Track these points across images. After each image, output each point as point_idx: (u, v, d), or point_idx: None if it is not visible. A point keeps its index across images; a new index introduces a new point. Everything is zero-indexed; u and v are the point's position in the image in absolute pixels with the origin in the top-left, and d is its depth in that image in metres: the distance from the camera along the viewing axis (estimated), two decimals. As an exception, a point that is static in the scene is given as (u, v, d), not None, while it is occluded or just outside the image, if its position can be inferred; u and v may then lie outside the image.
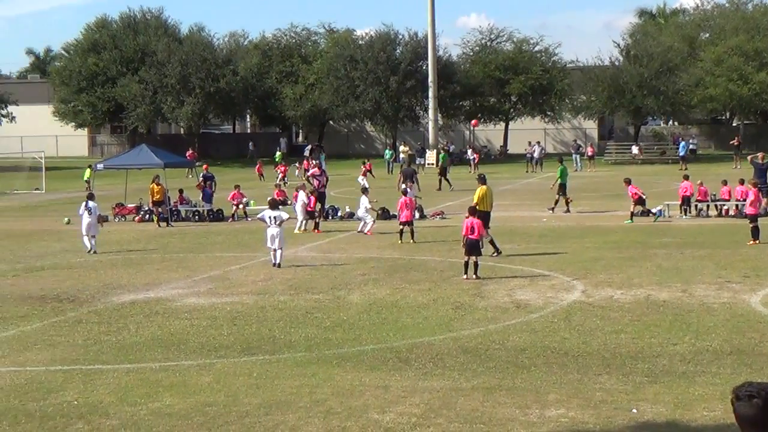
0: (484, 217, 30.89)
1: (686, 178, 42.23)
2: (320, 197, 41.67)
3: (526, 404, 14.85)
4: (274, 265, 29.10)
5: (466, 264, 26.61)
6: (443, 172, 63.40)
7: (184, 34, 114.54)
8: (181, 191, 47.56)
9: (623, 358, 17.44)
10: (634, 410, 14.48)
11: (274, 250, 29.33)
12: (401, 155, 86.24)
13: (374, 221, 38.90)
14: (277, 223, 29.35)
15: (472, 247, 26.60)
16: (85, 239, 34.43)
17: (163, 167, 47.26)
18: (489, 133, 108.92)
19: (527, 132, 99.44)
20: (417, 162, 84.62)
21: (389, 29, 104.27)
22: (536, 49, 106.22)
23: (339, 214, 44.44)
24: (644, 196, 41.43)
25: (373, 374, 16.74)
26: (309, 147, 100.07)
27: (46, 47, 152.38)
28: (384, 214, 43.43)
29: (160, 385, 16.40)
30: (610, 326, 20.05)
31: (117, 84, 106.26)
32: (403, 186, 43.54)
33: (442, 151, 71.50)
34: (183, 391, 15.95)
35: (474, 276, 26.34)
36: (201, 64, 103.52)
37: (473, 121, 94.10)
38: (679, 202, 41.69)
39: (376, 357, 17.99)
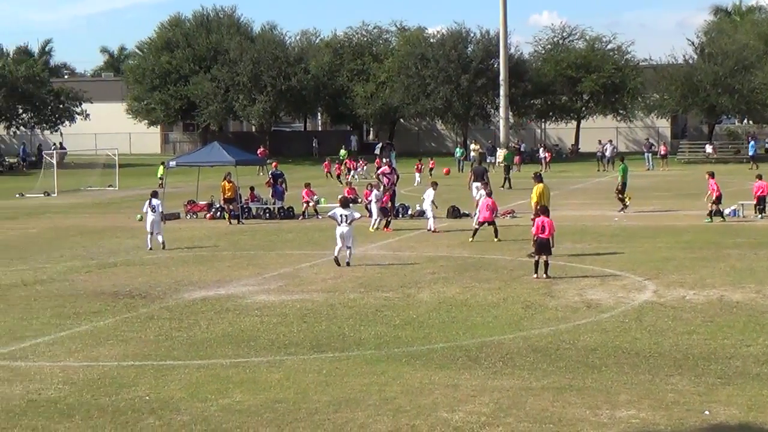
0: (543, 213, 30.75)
1: (759, 177, 41.68)
2: (391, 196, 41.74)
3: (597, 405, 14.73)
4: (345, 264, 29.04)
5: (537, 263, 26.51)
6: (507, 170, 63.34)
7: (257, 33, 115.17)
8: (252, 189, 47.83)
9: (695, 359, 17.26)
10: (707, 412, 14.31)
11: (342, 248, 29.24)
12: (472, 153, 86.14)
13: (435, 217, 38.75)
14: (348, 221, 29.33)
15: (543, 247, 26.46)
16: (149, 237, 34.66)
17: (234, 165, 47.45)
18: (560, 131, 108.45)
19: (599, 130, 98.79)
20: (487, 160, 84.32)
21: (461, 27, 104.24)
22: (609, 47, 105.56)
23: (409, 212, 44.39)
24: (721, 195, 40.67)
25: (442, 373, 16.70)
26: (379, 145, 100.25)
27: (120, 45, 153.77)
28: (454, 212, 43.35)
29: (230, 381, 16.48)
30: (682, 327, 19.85)
31: (189, 82, 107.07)
32: (476, 184, 43.52)
33: (506, 150, 71.11)
34: (253, 388, 16.01)
35: (544, 275, 26.21)
36: (273, 62, 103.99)
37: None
38: (754, 202, 41.13)
39: (446, 355, 17.95)
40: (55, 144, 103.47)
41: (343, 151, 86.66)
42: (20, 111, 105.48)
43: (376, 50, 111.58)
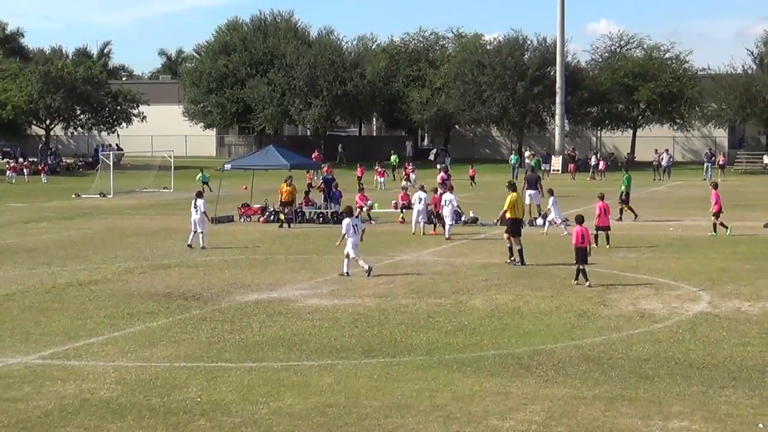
0: (515, 224, 31.00)
1: None
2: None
3: (649, 415, 14.63)
4: (367, 271, 28.66)
5: (578, 270, 26.65)
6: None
7: (314, 37, 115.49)
8: (307, 193, 47.97)
9: (750, 371, 17.09)
10: (761, 425, 14.18)
11: (357, 259, 28.93)
12: (526, 161, 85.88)
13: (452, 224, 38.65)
14: (360, 230, 29.56)
15: (582, 255, 26.65)
16: (191, 235, 35.62)
17: (289, 168, 47.65)
18: (616, 140, 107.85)
19: (655, 139, 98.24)
20: (542, 168, 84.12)
21: (518, 34, 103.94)
22: (667, 56, 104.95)
23: (462, 218, 44.28)
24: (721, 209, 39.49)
25: (493, 380, 16.66)
26: (434, 151, 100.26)
27: (177, 48, 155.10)
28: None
29: (281, 384, 16.52)
30: (737, 338, 19.67)
31: (246, 85, 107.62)
32: (529, 192, 43.56)
33: (533, 158, 70.33)
34: (304, 392, 16.04)
35: (586, 283, 26.29)
36: (329, 67, 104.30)
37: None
38: None
39: (497, 363, 17.89)
40: (110, 145, 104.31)
41: (393, 157, 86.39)
42: (78, 112, 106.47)
43: (432, 56, 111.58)
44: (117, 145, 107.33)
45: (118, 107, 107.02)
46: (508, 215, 31.38)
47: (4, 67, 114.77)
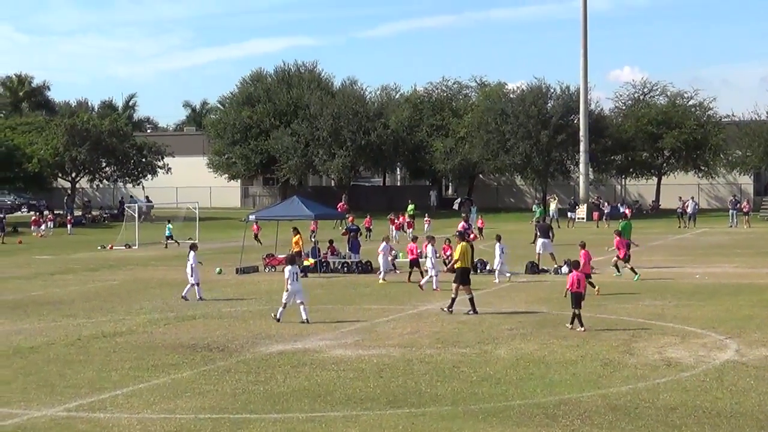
0: (465, 273, 31.06)
1: None
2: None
3: (677, 465, 14.50)
4: (304, 321, 29.25)
5: (574, 315, 27.11)
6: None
7: (337, 88, 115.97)
8: (331, 242, 48.01)
9: (778, 421, 16.96)
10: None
11: (301, 304, 29.57)
12: (551, 208, 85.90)
13: (437, 273, 38.54)
14: (297, 278, 29.83)
15: (578, 300, 27.16)
16: (187, 287, 36.11)
17: (313, 218, 47.78)
18: (641, 187, 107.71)
19: (680, 187, 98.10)
20: (568, 216, 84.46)
21: (541, 83, 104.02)
22: (690, 102, 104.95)
23: (487, 267, 44.19)
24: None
25: (519, 430, 16.57)
26: (458, 200, 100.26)
27: (202, 100, 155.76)
28: (533, 268, 43.18)
29: (306, 435, 16.46)
30: (765, 387, 19.52)
31: (270, 136, 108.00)
32: (542, 240, 43.85)
33: (536, 206, 69.79)
34: (328, 443, 15.98)
35: (580, 327, 26.84)
36: (353, 117, 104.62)
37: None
38: None
39: (523, 413, 17.79)
40: (147, 198, 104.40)
41: (410, 206, 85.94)
42: (104, 164, 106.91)
43: (455, 105, 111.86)
44: (147, 197, 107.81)
45: (143, 159, 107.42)
46: (458, 264, 31.31)
47: (30, 120, 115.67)
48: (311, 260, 45.61)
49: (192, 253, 36.52)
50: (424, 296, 35.83)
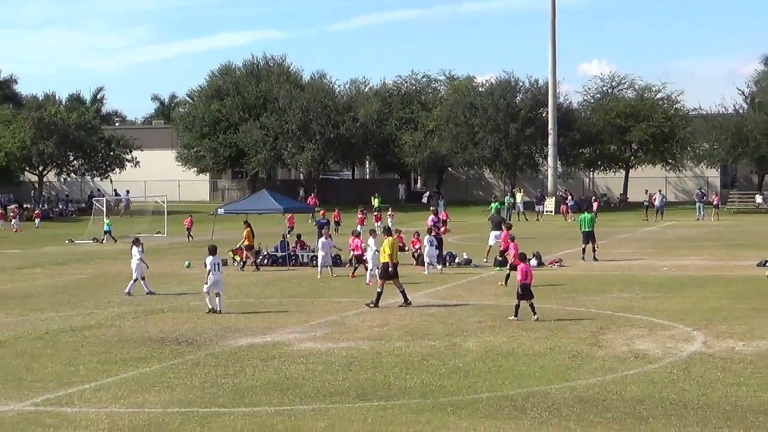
0: (388, 268, 31.24)
1: None
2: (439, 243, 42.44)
3: (644, 457, 14.57)
4: (217, 311, 29.99)
5: (518, 307, 27.61)
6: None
7: (306, 81, 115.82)
8: (299, 236, 47.98)
9: (745, 412, 17.05)
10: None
11: (216, 295, 30.35)
12: (517, 201, 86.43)
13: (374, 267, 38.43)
14: (218, 269, 30.59)
15: (527, 291, 27.60)
16: (131, 283, 35.62)
17: (282, 212, 47.78)
18: (609, 180, 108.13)
19: (647, 180, 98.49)
20: (536, 209, 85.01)
21: (510, 76, 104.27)
22: (658, 96, 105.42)
23: (456, 260, 44.30)
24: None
25: (487, 423, 16.60)
26: (427, 194, 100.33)
27: (170, 93, 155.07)
28: (502, 262, 43.24)
29: (275, 429, 16.45)
30: (732, 378, 19.63)
31: (239, 130, 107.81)
32: (494, 233, 44.10)
33: (494, 200, 69.49)
34: (297, 436, 15.98)
35: (534, 317, 27.31)
36: (322, 110, 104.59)
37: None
38: None
39: (492, 405, 17.84)
40: (128, 191, 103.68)
41: (376, 200, 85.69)
42: (71, 158, 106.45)
43: (424, 99, 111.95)
44: (115, 191, 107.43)
45: (111, 153, 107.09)
46: (385, 259, 31.39)
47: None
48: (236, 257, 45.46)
49: (135, 248, 36.21)
50: (393, 289, 35.79)
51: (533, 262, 42.72)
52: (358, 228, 57.17)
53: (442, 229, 42.21)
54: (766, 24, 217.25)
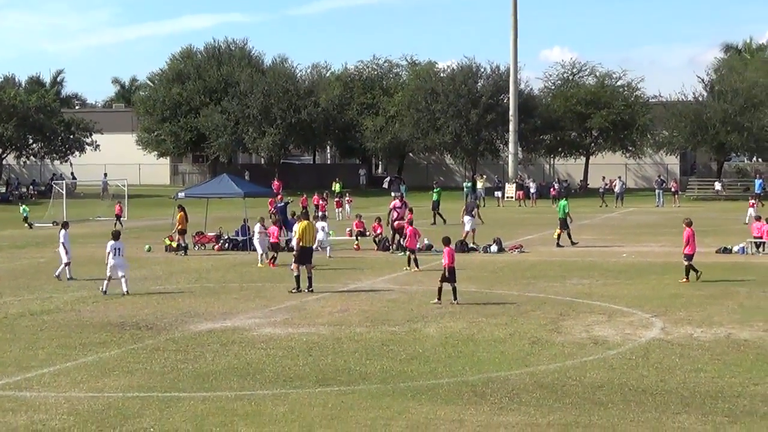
0: (306, 252, 31.51)
1: (758, 219, 42.96)
2: (399, 230, 42.45)
3: (603, 442, 14.65)
4: (126, 293, 30.50)
5: (441, 290, 28.11)
6: (435, 207, 62.50)
7: (268, 65, 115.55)
8: (262, 219, 47.83)
9: (703, 397, 17.18)
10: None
11: (116, 279, 30.86)
12: (478, 186, 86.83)
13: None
14: (121, 253, 31.14)
15: (452, 274, 28.26)
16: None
17: (243, 197, 47.64)
18: (569, 167, 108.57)
19: (608, 166, 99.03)
20: (495, 195, 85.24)
21: (471, 62, 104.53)
22: (619, 83, 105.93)
23: (418, 246, 44.28)
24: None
25: (447, 408, 16.65)
26: (388, 179, 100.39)
27: (131, 77, 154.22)
28: (462, 247, 43.30)
29: (235, 414, 16.43)
30: (690, 364, 19.78)
31: (200, 114, 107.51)
32: (467, 217, 44.31)
33: (435, 187, 69.40)
34: (258, 421, 15.97)
35: (455, 301, 27.88)
36: (283, 95, 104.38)
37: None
38: (753, 240, 41.91)
39: (451, 391, 17.89)
40: (72, 174, 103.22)
41: (337, 185, 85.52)
42: (31, 141, 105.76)
43: (386, 84, 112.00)
44: (72, 174, 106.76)
45: (71, 136, 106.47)
46: (299, 243, 31.48)
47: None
48: (173, 243, 45.30)
49: (63, 232, 36.08)
50: (354, 274, 35.88)
51: (493, 248, 42.99)
52: (320, 213, 57.14)
53: (409, 215, 42.07)
54: (727, 12, 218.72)
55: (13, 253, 45.91)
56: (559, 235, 45.34)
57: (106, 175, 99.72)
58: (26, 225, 64.18)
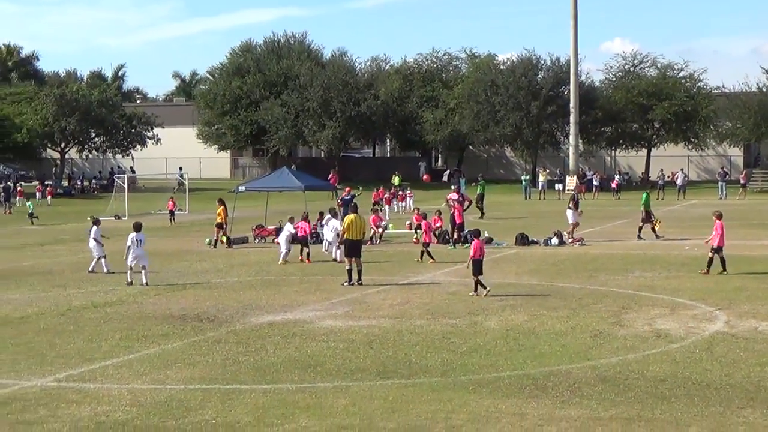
0: (354, 245, 31.31)
1: None
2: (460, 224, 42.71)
3: (666, 436, 14.52)
4: (146, 283, 31.31)
5: (477, 282, 28.33)
6: (480, 200, 61.95)
7: (327, 59, 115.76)
8: (321, 214, 47.91)
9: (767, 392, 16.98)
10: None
11: (142, 269, 31.60)
12: (540, 179, 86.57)
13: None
14: (140, 245, 31.75)
15: (479, 267, 28.34)
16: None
17: (303, 190, 47.73)
18: (630, 159, 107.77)
19: (670, 159, 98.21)
20: (556, 188, 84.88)
21: (531, 54, 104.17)
22: (681, 74, 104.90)
23: (495, 241, 44.12)
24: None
25: (509, 401, 16.57)
26: (448, 172, 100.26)
27: (192, 71, 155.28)
28: (523, 240, 43.12)
29: (296, 406, 16.45)
30: (755, 358, 19.55)
31: (260, 107, 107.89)
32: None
33: (480, 179, 68.64)
34: (319, 413, 15.97)
35: (484, 292, 28.06)
36: (342, 88, 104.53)
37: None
38: None
39: (513, 384, 17.80)
40: (123, 168, 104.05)
41: (396, 178, 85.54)
42: (93, 135, 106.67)
43: (445, 77, 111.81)
44: (131, 168, 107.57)
45: (133, 130, 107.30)
46: (346, 236, 31.40)
47: (19, 90, 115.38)
48: (223, 238, 45.38)
49: (94, 228, 36.41)
50: (415, 267, 35.84)
51: (554, 240, 42.78)
52: (386, 207, 57.24)
53: (466, 203, 42.08)
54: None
55: (76, 247, 46.31)
56: (650, 229, 45.03)
57: (181, 168, 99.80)
58: (30, 221, 64.19)
